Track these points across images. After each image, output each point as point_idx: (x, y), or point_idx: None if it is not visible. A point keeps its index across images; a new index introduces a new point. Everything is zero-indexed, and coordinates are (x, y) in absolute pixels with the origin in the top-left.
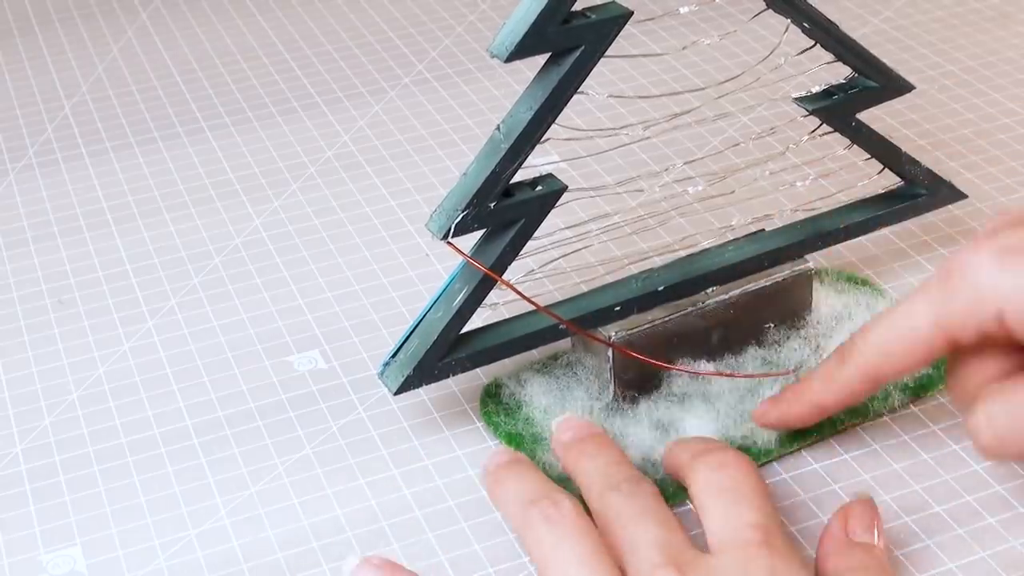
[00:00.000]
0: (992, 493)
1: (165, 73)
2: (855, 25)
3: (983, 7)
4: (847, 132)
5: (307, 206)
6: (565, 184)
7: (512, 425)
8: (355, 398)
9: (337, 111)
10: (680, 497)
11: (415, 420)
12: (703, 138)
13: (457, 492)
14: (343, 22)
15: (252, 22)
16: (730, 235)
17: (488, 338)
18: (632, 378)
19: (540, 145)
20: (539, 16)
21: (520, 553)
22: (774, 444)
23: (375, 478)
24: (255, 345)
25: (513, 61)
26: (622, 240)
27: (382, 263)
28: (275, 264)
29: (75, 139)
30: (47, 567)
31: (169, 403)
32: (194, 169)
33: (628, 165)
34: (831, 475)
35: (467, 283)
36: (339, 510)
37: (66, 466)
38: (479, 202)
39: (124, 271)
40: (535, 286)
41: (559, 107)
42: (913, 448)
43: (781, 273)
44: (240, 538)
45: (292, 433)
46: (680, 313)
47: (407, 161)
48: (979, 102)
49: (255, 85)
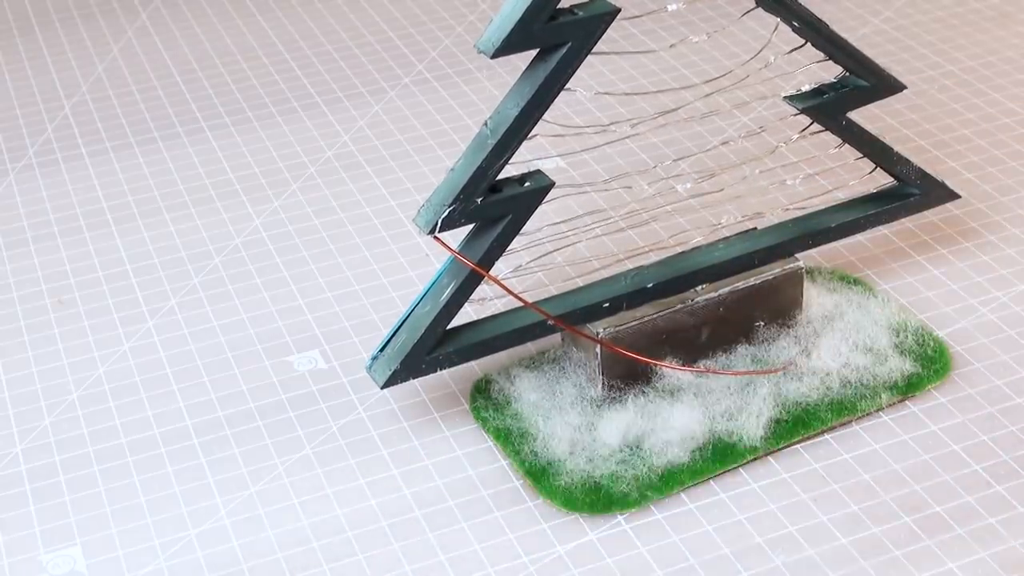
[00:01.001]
0: (992, 493)
1: (165, 73)
2: (855, 25)
3: (983, 7)
4: (837, 131)
5: (307, 206)
6: (553, 180)
7: (500, 420)
8: (355, 398)
9: (337, 111)
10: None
11: (415, 420)
12: (696, 135)
13: (457, 492)
14: (343, 22)
15: (252, 22)
16: (721, 232)
17: (476, 333)
18: (621, 373)
19: (539, 144)
20: (525, 13)
21: (520, 553)
22: (759, 442)
23: (375, 478)
24: (255, 345)
25: (499, 57)
26: (614, 236)
27: (382, 263)
28: (275, 264)
29: (75, 139)
30: (47, 567)
31: (169, 403)
32: (194, 169)
33: (622, 162)
34: (831, 475)
35: (454, 278)
36: (339, 510)
37: (66, 466)
38: (466, 197)
39: (124, 271)
40: (526, 280)
41: (546, 103)
42: (913, 448)
43: (771, 272)
44: (240, 538)
45: (292, 433)
46: (669, 310)
47: (407, 161)
48: (979, 102)
49: (255, 85)
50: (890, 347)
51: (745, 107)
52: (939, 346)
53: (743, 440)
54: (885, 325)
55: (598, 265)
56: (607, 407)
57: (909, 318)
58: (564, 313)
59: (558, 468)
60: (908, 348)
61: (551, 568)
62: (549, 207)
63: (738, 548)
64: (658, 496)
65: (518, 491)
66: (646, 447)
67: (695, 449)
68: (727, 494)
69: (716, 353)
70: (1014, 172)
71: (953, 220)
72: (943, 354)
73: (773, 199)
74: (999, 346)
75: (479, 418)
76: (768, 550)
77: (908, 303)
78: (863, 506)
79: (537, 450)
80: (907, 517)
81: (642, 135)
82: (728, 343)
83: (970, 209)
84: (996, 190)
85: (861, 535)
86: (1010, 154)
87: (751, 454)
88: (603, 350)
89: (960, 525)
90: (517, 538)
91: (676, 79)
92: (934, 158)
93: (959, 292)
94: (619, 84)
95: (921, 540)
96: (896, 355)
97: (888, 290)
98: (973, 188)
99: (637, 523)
